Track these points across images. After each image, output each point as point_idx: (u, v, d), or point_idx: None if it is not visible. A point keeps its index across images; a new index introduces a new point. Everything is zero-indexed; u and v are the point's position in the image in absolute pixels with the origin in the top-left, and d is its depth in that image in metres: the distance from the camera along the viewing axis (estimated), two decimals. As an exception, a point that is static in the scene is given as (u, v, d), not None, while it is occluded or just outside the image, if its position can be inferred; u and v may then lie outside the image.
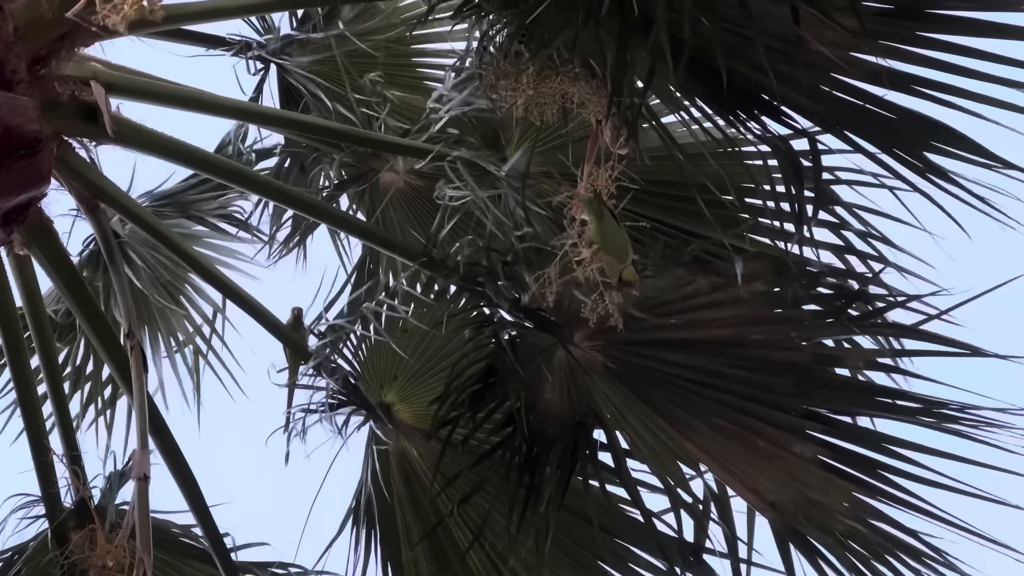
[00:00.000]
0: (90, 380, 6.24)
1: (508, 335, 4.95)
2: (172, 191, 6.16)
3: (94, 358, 6.20)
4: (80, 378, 6.17)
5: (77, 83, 4.73)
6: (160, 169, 6.14)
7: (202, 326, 6.19)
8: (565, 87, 4.42)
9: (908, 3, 4.37)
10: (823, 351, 4.83)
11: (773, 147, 4.64)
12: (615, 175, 4.45)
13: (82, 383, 6.18)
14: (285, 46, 5.77)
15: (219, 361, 6.24)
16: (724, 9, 4.32)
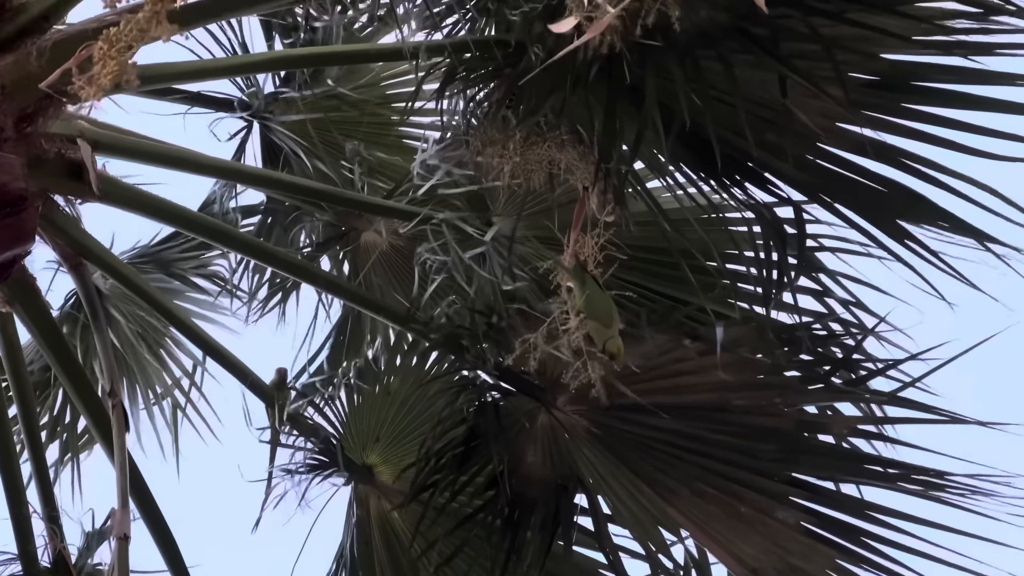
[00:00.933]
0: (66, 432, 6.20)
1: (491, 398, 4.95)
2: (154, 248, 6.14)
3: (71, 411, 6.17)
4: (56, 430, 6.13)
5: (63, 141, 4.72)
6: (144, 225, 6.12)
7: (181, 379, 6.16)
8: (552, 153, 4.43)
9: (895, 75, 4.40)
10: (806, 417, 4.83)
11: (758, 214, 4.66)
12: (601, 242, 4.46)
13: (58, 434, 6.15)
14: (268, 104, 5.77)
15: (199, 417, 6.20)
16: (712, 76, 4.35)
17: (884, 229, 4.55)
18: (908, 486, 4.73)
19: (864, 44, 4.34)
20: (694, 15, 4.24)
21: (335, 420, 5.31)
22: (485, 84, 4.53)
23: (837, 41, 4.29)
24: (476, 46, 4.41)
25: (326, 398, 5.27)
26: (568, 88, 4.31)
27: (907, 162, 4.46)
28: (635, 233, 4.70)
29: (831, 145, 4.54)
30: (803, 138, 4.44)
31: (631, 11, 3.77)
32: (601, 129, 4.39)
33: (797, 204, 4.59)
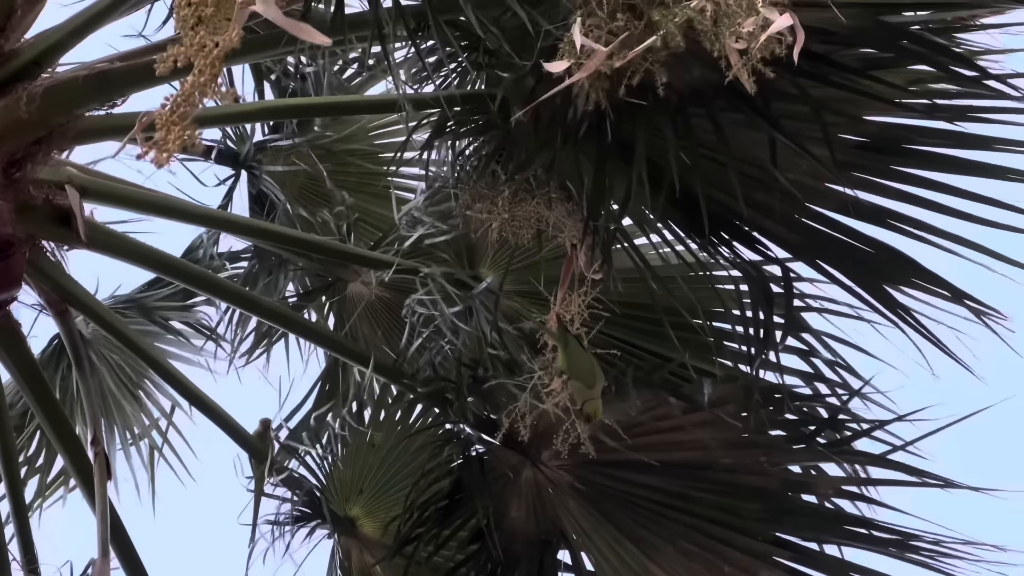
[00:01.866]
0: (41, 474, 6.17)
1: (475, 451, 4.94)
2: (139, 295, 6.12)
3: (47, 455, 6.14)
4: (30, 469, 6.10)
5: (52, 187, 4.71)
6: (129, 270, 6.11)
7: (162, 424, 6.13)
8: (541, 211, 4.44)
9: (883, 137, 4.41)
10: (792, 477, 4.83)
11: (745, 273, 4.66)
12: (588, 300, 4.46)
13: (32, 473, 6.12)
14: (257, 154, 5.77)
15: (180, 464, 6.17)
16: (702, 135, 4.36)
17: (869, 291, 4.55)
18: (891, 548, 4.72)
19: (852, 106, 4.35)
20: (687, 74, 4.25)
21: (319, 471, 5.28)
22: (475, 138, 4.53)
23: (826, 103, 4.30)
24: (466, 100, 4.41)
25: (310, 449, 5.25)
26: (558, 144, 4.31)
27: (895, 223, 4.47)
28: (622, 290, 4.70)
29: (820, 205, 4.54)
30: (792, 198, 4.44)
31: (620, 70, 3.78)
32: (590, 186, 4.39)
33: (784, 263, 4.60)
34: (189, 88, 2.95)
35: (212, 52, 2.94)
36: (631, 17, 3.83)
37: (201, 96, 2.96)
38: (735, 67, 3.33)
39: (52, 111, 4.53)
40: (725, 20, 3.35)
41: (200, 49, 2.94)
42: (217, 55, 2.93)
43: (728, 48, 3.38)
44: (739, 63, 3.33)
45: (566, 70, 3.51)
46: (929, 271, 4.47)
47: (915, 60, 4.22)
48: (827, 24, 4.06)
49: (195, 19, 2.97)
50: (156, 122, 2.98)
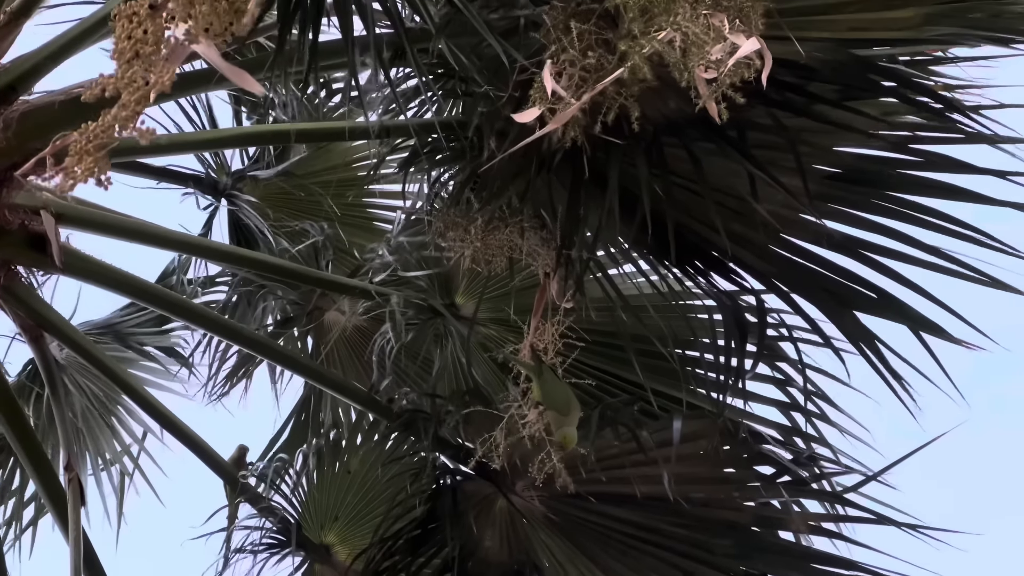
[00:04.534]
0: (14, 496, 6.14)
1: (449, 480, 4.92)
2: (114, 320, 6.11)
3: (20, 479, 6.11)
4: (3, 495, 6.08)
5: (27, 212, 4.70)
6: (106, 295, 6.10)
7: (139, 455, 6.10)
8: (514, 239, 4.43)
9: (858, 168, 4.41)
10: (765, 512, 4.81)
11: (719, 302, 4.65)
12: (562, 329, 4.45)
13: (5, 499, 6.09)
14: (236, 182, 5.77)
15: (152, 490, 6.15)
16: (677, 164, 4.36)
17: (839, 322, 4.54)
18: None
19: (827, 137, 4.35)
20: (663, 106, 4.26)
21: (294, 498, 5.27)
22: (449, 166, 4.53)
23: (800, 134, 4.30)
24: (441, 128, 4.41)
25: (285, 476, 5.23)
26: (532, 173, 4.31)
27: (868, 254, 4.46)
28: (597, 319, 4.70)
29: (795, 236, 4.54)
30: (767, 228, 4.43)
31: (595, 106, 3.78)
32: (564, 215, 4.39)
33: (758, 293, 4.59)
34: (110, 120, 2.94)
35: (141, 89, 2.92)
36: (604, 52, 3.84)
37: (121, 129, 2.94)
38: (704, 97, 3.34)
39: (28, 136, 4.52)
40: (693, 50, 3.36)
41: (130, 83, 2.92)
42: (144, 93, 2.92)
43: (697, 78, 3.39)
44: (708, 93, 3.34)
45: (538, 117, 3.53)
46: (900, 302, 4.46)
47: (884, 94, 4.22)
48: (800, 57, 4.06)
49: (132, 53, 2.96)
50: (70, 148, 2.96)
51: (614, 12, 3.80)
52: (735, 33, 3.30)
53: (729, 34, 3.29)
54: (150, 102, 3.01)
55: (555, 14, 3.92)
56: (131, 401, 5.77)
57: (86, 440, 6.00)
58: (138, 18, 2.97)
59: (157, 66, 2.94)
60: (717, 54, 3.31)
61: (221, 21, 2.97)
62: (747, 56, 3.28)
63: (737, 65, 3.30)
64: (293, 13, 3.90)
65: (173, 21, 2.98)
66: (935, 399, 4.53)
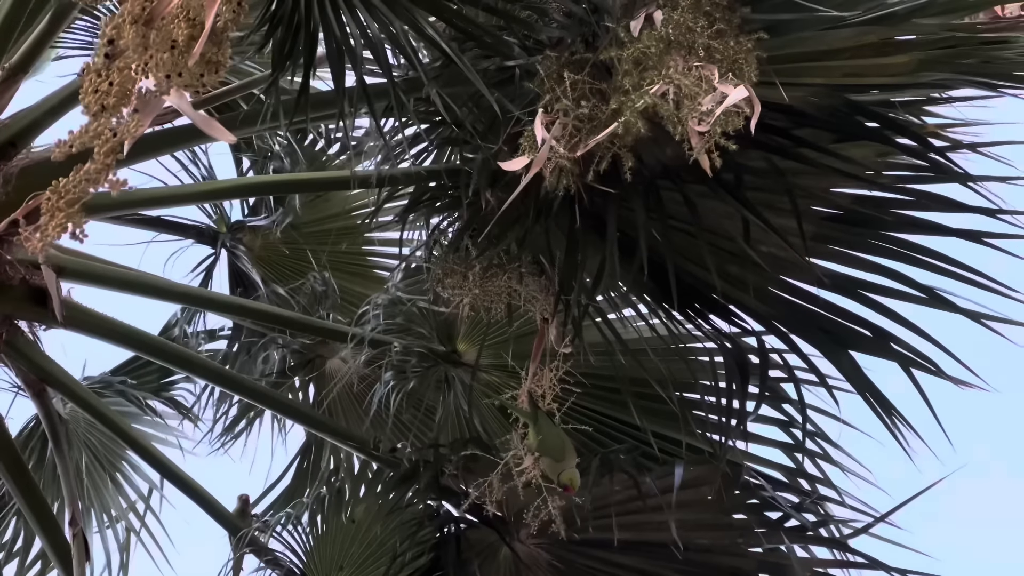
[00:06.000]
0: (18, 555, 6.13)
1: (453, 529, 4.91)
2: (117, 373, 6.12)
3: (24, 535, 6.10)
4: (8, 553, 6.06)
5: (28, 266, 4.71)
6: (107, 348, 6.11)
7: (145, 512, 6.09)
8: (512, 285, 4.44)
9: (855, 209, 4.42)
10: (768, 559, 4.78)
11: (720, 345, 4.66)
12: (560, 374, 4.45)
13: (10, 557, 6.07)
14: (236, 232, 5.79)
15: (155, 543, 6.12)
16: (674, 208, 4.37)
17: (837, 362, 4.54)
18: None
19: (823, 180, 4.37)
20: (659, 152, 4.27)
21: (298, 548, 5.25)
22: (448, 213, 4.54)
23: (798, 177, 4.32)
24: (439, 175, 4.43)
25: (289, 527, 5.22)
26: (530, 220, 4.32)
27: (865, 294, 4.47)
28: (596, 363, 4.70)
29: (793, 277, 4.54)
30: (765, 270, 4.44)
31: (587, 155, 3.80)
32: (563, 260, 4.40)
33: (759, 334, 4.60)
34: (81, 175, 2.94)
35: (109, 142, 2.92)
36: (598, 102, 3.86)
37: (93, 184, 2.94)
38: (696, 149, 3.35)
39: (28, 191, 4.52)
40: (686, 102, 3.37)
41: (98, 136, 2.92)
42: (113, 145, 2.92)
43: (690, 130, 3.40)
44: (700, 145, 3.35)
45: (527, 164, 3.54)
46: (901, 340, 4.47)
47: (878, 137, 4.24)
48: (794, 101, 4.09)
49: (99, 106, 2.96)
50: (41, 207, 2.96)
51: (608, 63, 3.82)
52: (724, 83, 3.31)
53: (718, 84, 3.30)
54: (122, 155, 3.01)
55: (548, 64, 3.94)
56: (135, 455, 5.76)
57: (90, 495, 6.00)
58: (106, 71, 2.97)
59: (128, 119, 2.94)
60: (708, 104, 3.32)
61: (192, 72, 2.97)
62: (737, 105, 3.30)
63: (727, 114, 3.32)
64: (284, 62, 3.92)
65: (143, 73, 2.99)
66: (939, 440, 4.53)
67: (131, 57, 3.09)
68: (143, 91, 3.15)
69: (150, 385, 6.21)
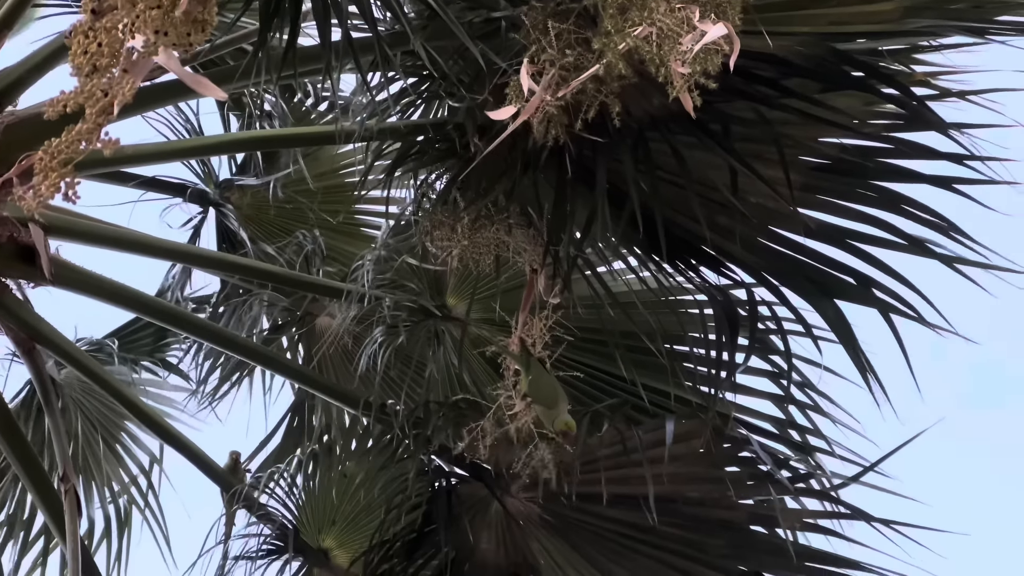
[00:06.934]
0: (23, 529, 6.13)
1: (444, 484, 4.92)
2: (108, 335, 6.12)
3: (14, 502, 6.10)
4: (13, 526, 6.07)
5: (15, 224, 4.70)
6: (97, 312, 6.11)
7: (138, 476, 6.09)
8: (500, 236, 4.44)
9: (843, 159, 4.41)
10: (759, 511, 4.79)
11: (710, 297, 4.66)
12: (550, 324, 4.45)
13: (16, 531, 6.08)
14: (224, 190, 5.78)
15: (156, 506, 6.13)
16: (663, 160, 4.37)
17: (823, 311, 4.54)
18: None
19: (811, 130, 4.36)
20: (648, 104, 4.27)
21: (291, 504, 5.26)
22: (436, 167, 4.53)
23: (785, 127, 4.32)
24: (425, 129, 4.42)
25: (281, 482, 5.23)
26: (518, 172, 4.31)
27: (853, 243, 4.47)
28: (585, 315, 4.70)
29: (783, 228, 4.54)
30: (752, 221, 4.44)
31: (576, 104, 3.80)
32: (551, 212, 4.40)
33: (749, 286, 4.60)
34: (73, 135, 2.94)
35: (101, 102, 2.92)
36: (583, 51, 3.85)
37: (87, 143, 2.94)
38: (678, 87, 3.34)
39: (15, 148, 4.51)
40: (667, 43, 3.37)
41: (90, 97, 2.92)
42: (104, 106, 2.92)
43: (672, 71, 3.40)
44: (683, 84, 3.34)
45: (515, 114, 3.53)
46: (884, 287, 4.47)
47: (863, 86, 4.23)
48: (779, 51, 4.08)
49: (90, 67, 2.95)
50: (35, 167, 2.96)
51: (592, 11, 3.81)
52: (704, 22, 3.30)
53: (699, 23, 3.30)
54: (113, 114, 3.01)
55: (534, 14, 3.94)
56: (130, 414, 5.76)
57: (85, 456, 6.00)
58: (93, 32, 2.97)
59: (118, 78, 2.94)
60: (688, 43, 3.31)
61: (178, 30, 2.96)
62: (717, 44, 3.29)
63: (708, 52, 3.31)
64: (272, 18, 3.91)
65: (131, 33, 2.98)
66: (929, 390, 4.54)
67: (118, 15, 3.09)
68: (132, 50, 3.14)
69: (143, 348, 6.21)
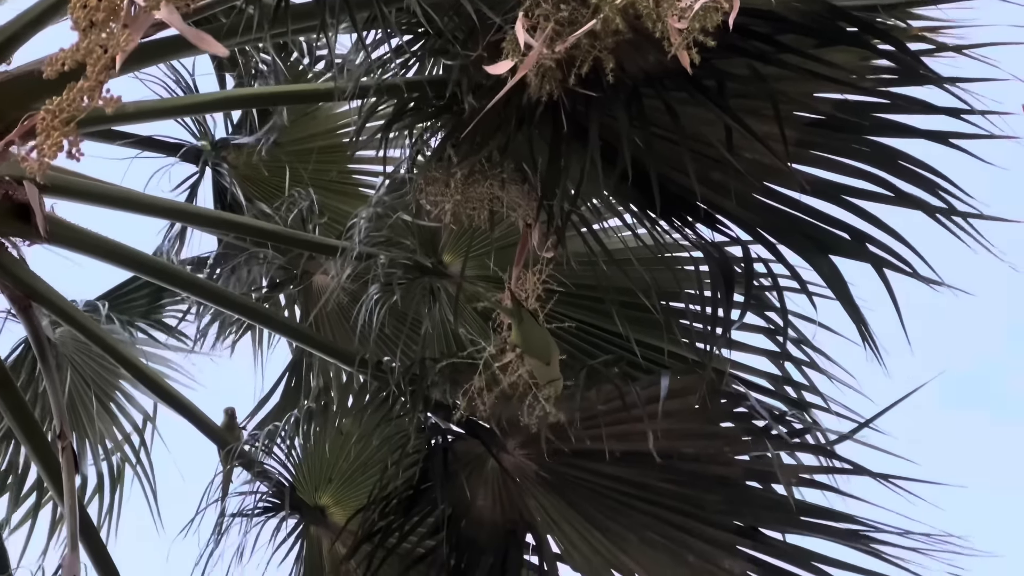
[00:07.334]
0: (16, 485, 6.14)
1: (440, 440, 4.92)
2: (101, 296, 6.12)
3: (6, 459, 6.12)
4: (5, 483, 6.08)
5: (10, 182, 4.70)
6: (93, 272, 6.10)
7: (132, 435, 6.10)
8: (494, 192, 4.44)
9: (838, 115, 4.41)
10: (755, 466, 4.79)
11: (706, 253, 4.66)
12: (543, 279, 4.45)
13: (9, 487, 6.09)
14: (220, 149, 5.77)
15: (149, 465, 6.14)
16: (657, 116, 4.37)
17: (818, 267, 4.55)
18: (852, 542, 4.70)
19: (806, 85, 4.36)
20: (643, 60, 4.27)
21: (287, 461, 5.27)
22: (430, 123, 4.53)
23: (780, 83, 4.32)
24: (419, 86, 4.41)
25: (278, 439, 5.24)
26: (512, 127, 4.31)
27: (849, 199, 4.47)
28: (580, 272, 4.70)
29: (778, 184, 4.55)
30: (747, 177, 4.44)
31: (570, 59, 3.79)
32: (545, 167, 4.40)
33: (744, 243, 4.60)
34: (75, 93, 2.93)
35: (101, 59, 2.91)
36: (577, 6, 3.84)
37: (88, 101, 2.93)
38: (675, 44, 3.33)
39: (9, 105, 4.51)
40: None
41: (90, 54, 2.91)
42: (105, 62, 2.91)
43: (669, 26, 3.39)
44: (679, 40, 3.33)
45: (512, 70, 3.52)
46: (878, 242, 4.48)
47: (859, 42, 4.23)
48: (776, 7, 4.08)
49: (87, 22, 2.94)
50: (37, 127, 2.96)
51: (587, -35, 3.80)
52: (703, -25, 3.29)
53: (697, -24, 3.29)
54: (115, 71, 3.00)
55: (528, -32, 3.92)
56: (126, 372, 5.76)
57: (80, 415, 6.01)
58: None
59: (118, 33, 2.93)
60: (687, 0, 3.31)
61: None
62: (717, 0, 3.29)
63: (706, 9, 3.30)
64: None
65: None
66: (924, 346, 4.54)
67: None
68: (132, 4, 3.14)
69: (137, 309, 6.22)
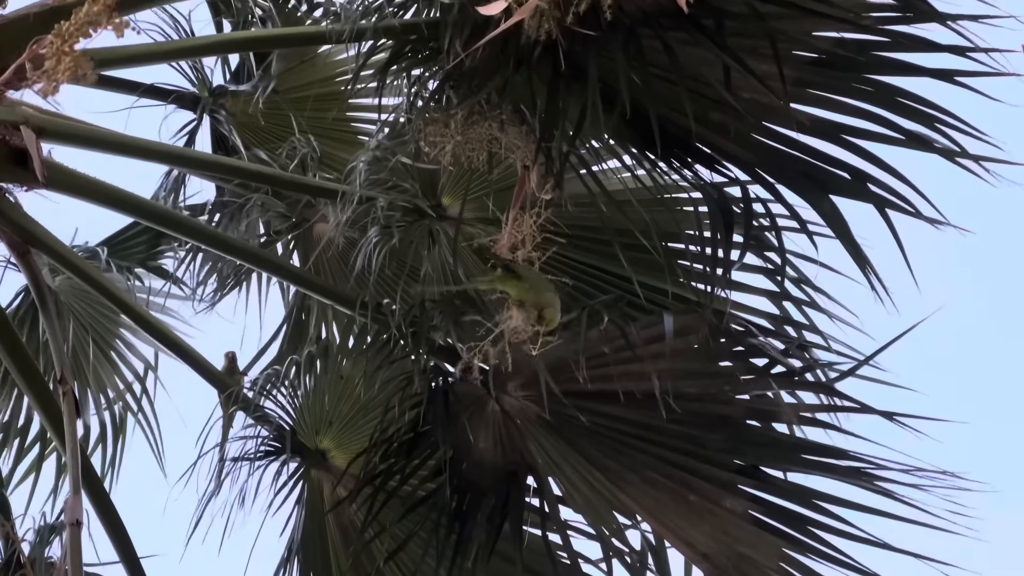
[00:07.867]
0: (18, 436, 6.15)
1: (442, 383, 4.92)
2: (100, 243, 6.11)
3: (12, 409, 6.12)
4: (8, 434, 6.09)
5: (7, 127, 4.67)
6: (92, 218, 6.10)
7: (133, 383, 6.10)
8: (493, 133, 4.42)
9: (837, 53, 4.39)
10: (756, 405, 4.79)
11: (704, 193, 4.65)
12: (541, 220, 4.45)
13: (11, 438, 6.10)
14: (218, 97, 5.75)
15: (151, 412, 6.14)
16: (655, 56, 4.35)
17: (819, 207, 4.54)
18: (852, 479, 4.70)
19: (805, 23, 4.34)
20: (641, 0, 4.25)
21: (288, 406, 5.28)
22: (428, 66, 4.51)
23: (779, 21, 4.30)
24: (416, 28, 4.39)
25: (279, 383, 5.25)
26: (510, 69, 4.30)
27: (852, 139, 4.46)
28: (579, 213, 4.69)
29: (776, 123, 4.53)
30: (746, 117, 4.42)
31: None
32: (544, 109, 4.38)
33: (744, 183, 4.59)
34: (83, 17, 2.92)
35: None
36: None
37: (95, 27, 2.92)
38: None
39: (3, 50, 4.50)
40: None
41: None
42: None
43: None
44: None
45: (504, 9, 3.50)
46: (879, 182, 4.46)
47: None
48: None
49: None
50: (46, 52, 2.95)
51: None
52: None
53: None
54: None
55: (523, -92, 3.89)
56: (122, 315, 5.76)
57: (80, 362, 6.01)
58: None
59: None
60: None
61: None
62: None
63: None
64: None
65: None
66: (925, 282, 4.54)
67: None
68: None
69: (136, 256, 6.21)
